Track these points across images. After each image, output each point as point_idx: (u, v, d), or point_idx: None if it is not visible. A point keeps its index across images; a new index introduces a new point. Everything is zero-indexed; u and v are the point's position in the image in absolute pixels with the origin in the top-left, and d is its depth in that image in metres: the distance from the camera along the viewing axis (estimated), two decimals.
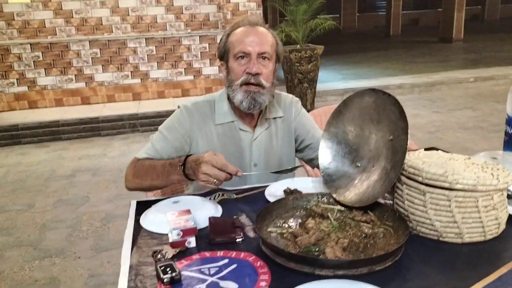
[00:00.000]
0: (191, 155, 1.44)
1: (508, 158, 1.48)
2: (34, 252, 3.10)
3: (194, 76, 7.05)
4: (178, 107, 1.69)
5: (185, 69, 6.99)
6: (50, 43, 6.47)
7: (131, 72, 6.84)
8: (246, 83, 1.55)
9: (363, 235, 1.15)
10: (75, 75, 6.67)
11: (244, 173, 1.39)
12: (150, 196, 1.76)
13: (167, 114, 1.72)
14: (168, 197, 1.47)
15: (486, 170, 1.18)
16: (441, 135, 5.42)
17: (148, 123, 6.07)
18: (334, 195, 1.33)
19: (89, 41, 6.58)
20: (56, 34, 6.56)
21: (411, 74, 8.76)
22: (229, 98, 1.65)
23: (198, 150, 1.64)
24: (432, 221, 1.15)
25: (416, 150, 1.34)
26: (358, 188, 1.29)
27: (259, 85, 1.54)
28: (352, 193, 1.29)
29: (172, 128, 1.64)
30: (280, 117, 1.74)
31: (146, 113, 6.15)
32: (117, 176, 4.50)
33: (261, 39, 1.55)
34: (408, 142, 1.16)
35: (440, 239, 1.16)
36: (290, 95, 1.81)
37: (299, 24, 6.55)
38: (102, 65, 6.73)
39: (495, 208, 1.15)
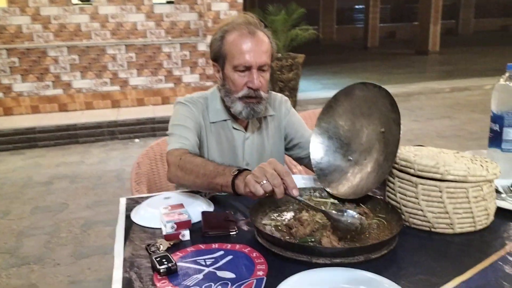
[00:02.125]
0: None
1: (493, 155, 1.51)
2: (11, 260, 3.01)
3: (174, 83, 7.00)
4: (175, 105, 1.67)
5: (165, 76, 6.94)
6: (27, 49, 6.35)
7: (110, 79, 6.76)
8: (247, 96, 1.55)
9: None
10: (52, 82, 6.55)
11: (298, 197, 1.15)
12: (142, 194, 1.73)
13: (147, 121, 1.69)
14: (159, 194, 1.45)
15: (476, 162, 1.21)
16: (420, 143, 5.44)
17: (127, 130, 5.99)
18: (328, 189, 1.34)
19: (67, 47, 6.49)
20: (33, 40, 6.46)
21: (389, 84, 8.90)
22: (221, 97, 1.65)
23: (202, 141, 1.64)
24: (424, 212, 1.17)
25: None
26: (351, 181, 1.30)
27: (258, 97, 1.55)
28: (345, 186, 1.30)
29: (186, 118, 1.60)
30: (271, 116, 1.75)
31: (125, 120, 6.07)
32: (96, 183, 4.42)
33: (260, 49, 1.51)
34: (400, 133, 1.17)
35: (432, 230, 1.18)
36: (280, 94, 1.82)
37: (280, 32, 6.61)
38: (81, 72, 6.63)
39: (484, 199, 1.17)
